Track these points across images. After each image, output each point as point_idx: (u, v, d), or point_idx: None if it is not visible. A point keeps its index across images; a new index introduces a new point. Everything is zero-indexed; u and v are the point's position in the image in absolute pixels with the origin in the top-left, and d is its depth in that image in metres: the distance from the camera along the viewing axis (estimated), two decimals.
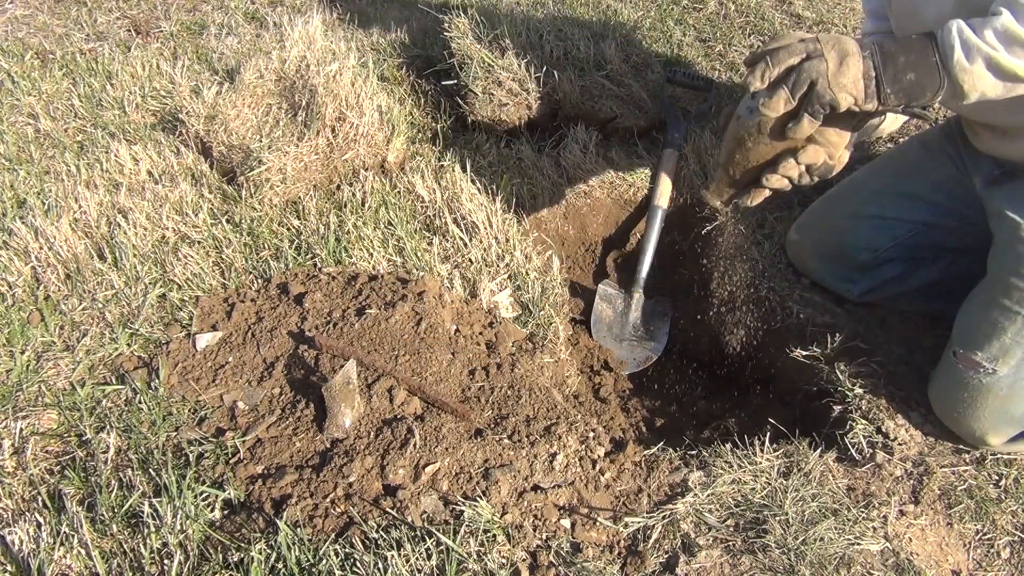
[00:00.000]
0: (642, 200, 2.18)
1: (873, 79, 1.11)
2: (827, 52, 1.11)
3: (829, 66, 1.11)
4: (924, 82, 1.12)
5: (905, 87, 1.12)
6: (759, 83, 1.15)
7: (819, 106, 1.13)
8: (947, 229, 1.69)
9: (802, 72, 1.12)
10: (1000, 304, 1.39)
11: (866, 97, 1.13)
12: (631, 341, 1.99)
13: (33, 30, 2.92)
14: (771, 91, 1.15)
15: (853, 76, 1.11)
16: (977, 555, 1.35)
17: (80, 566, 1.20)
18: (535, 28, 2.51)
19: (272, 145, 1.99)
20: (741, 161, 1.27)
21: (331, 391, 1.37)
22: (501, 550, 1.21)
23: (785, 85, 1.13)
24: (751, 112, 1.20)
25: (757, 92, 1.17)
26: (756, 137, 1.21)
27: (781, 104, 1.15)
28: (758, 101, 1.17)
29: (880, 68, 1.11)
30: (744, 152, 1.25)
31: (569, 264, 2.18)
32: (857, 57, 1.11)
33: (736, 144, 1.25)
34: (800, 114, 1.15)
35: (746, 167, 1.27)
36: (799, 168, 1.23)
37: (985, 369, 1.41)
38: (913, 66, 1.11)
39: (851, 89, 1.11)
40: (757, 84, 1.15)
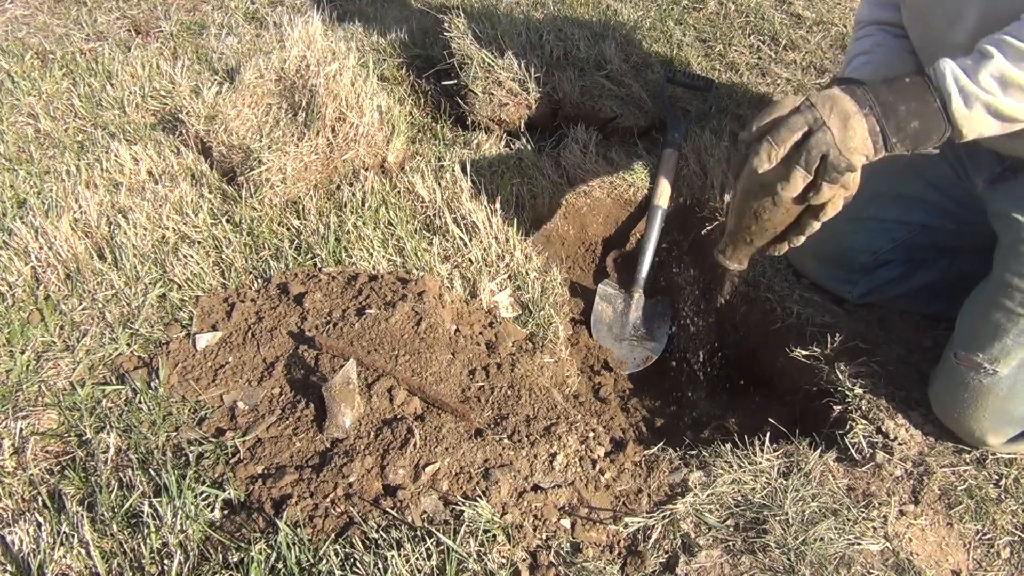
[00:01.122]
0: (642, 200, 2.18)
1: (879, 134, 1.11)
2: (828, 119, 1.10)
3: (835, 134, 1.10)
4: (929, 128, 1.11)
5: (911, 135, 1.12)
6: (767, 164, 1.15)
7: (836, 173, 1.12)
8: (945, 230, 1.69)
9: (811, 149, 1.11)
10: (1002, 306, 1.39)
11: (875, 152, 1.13)
12: (631, 341, 1.99)
13: (33, 30, 2.92)
14: (783, 170, 1.14)
15: (861, 137, 1.10)
16: (977, 555, 1.35)
17: (80, 566, 1.20)
18: (535, 28, 2.51)
19: (272, 145, 1.99)
20: (759, 231, 1.27)
21: (331, 391, 1.37)
22: (501, 550, 1.21)
23: (799, 165, 1.12)
24: (762, 188, 1.20)
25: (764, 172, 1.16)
26: (773, 210, 1.22)
27: (800, 183, 1.15)
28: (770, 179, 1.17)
29: (883, 121, 1.11)
30: (761, 223, 1.25)
31: (569, 264, 2.18)
32: (859, 116, 1.10)
33: (752, 219, 1.25)
34: (819, 184, 1.14)
35: (766, 234, 1.28)
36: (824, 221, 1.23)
37: (986, 370, 1.41)
38: (915, 114, 1.11)
39: (862, 149, 1.11)
40: (765, 166, 1.15)
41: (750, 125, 1.19)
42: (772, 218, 1.23)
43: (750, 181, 1.22)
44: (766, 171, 1.16)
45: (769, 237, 1.29)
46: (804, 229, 1.24)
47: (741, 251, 1.35)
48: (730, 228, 1.34)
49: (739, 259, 1.37)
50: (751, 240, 1.30)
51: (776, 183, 1.17)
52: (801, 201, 1.19)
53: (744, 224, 1.28)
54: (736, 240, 1.33)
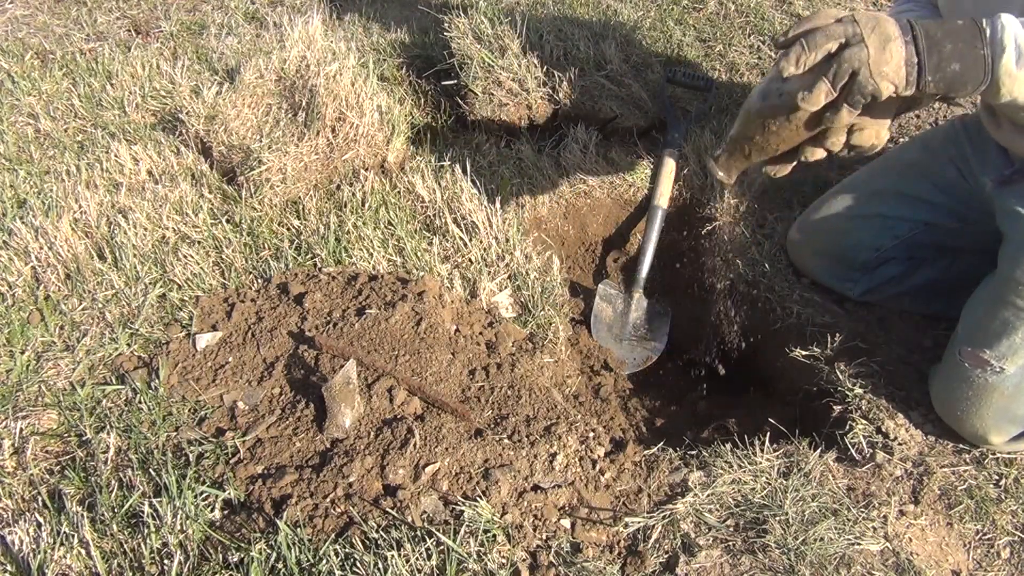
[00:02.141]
0: (642, 200, 2.18)
1: (916, 66, 1.05)
2: (868, 37, 1.04)
3: (871, 52, 1.04)
4: (967, 74, 1.06)
5: (947, 77, 1.06)
6: (794, 68, 1.08)
7: (860, 96, 1.07)
8: (948, 229, 1.69)
9: (843, 62, 1.05)
10: (1012, 303, 1.38)
11: (907, 84, 1.07)
12: (631, 341, 1.99)
13: (33, 30, 2.92)
14: (808, 80, 1.09)
15: (896, 63, 1.05)
16: (977, 555, 1.35)
17: (80, 566, 1.20)
18: (535, 28, 2.51)
19: (272, 145, 1.99)
20: (761, 143, 1.20)
21: (331, 391, 1.37)
22: (501, 550, 1.21)
23: (825, 76, 1.07)
24: (782, 96, 1.13)
25: (790, 77, 1.10)
26: (784, 124, 1.15)
27: (822, 97, 1.08)
28: (792, 87, 1.11)
29: (924, 54, 1.05)
30: (766, 135, 1.18)
31: (569, 264, 2.18)
32: (900, 42, 1.05)
33: (759, 127, 1.18)
34: (840, 104, 1.09)
35: (767, 150, 1.21)
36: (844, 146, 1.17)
37: (992, 367, 1.40)
38: (959, 56, 1.05)
39: (893, 77, 1.05)
40: (791, 70, 1.08)
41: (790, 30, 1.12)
42: (779, 132, 1.16)
43: (771, 86, 1.15)
44: (791, 75, 1.09)
45: (769, 152, 1.21)
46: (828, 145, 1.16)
47: (736, 161, 1.27)
48: (732, 134, 1.26)
49: (729, 170, 1.29)
50: (749, 152, 1.23)
51: (797, 92, 1.10)
52: (814, 122, 1.13)
53: (748, 133, 1.21)
54: (734, 149, 1.25)
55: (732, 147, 1.26)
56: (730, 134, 1.27)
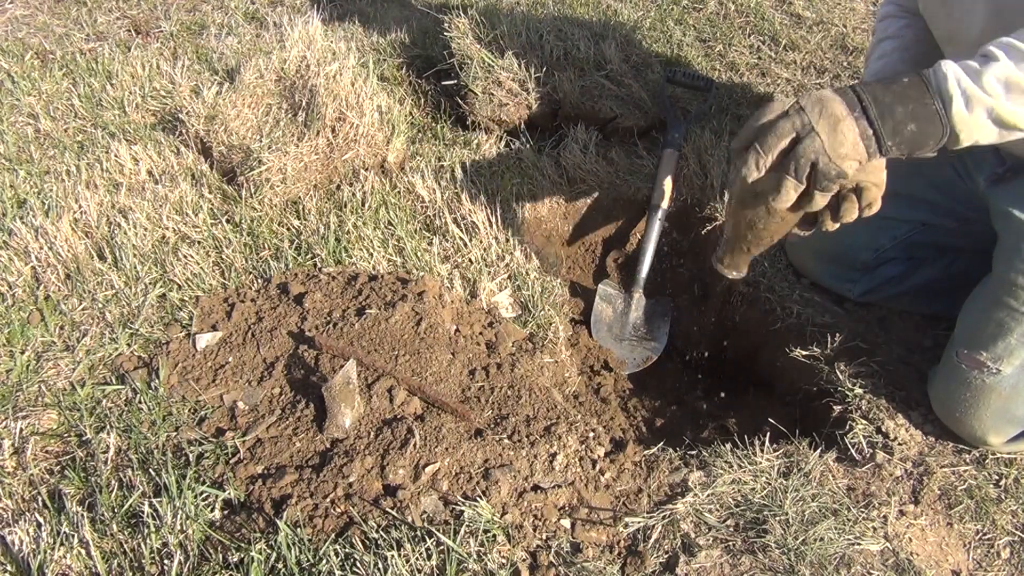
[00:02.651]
0: (642, 200, 2.18)
1: (872, 137, 1.07)
2: (817, 125, 1.07)
3: (824, 140, 1.06)
4: (927, 132, 1.08)
5: (907, 139, 1.08)
6: (756, 173, 1.12)
7: (827, 182, 1.09)
8: (946, 229, 1.69)
9: (800, 158, 1.08)
10: (1006, 305, 1.38)
11: (869, 156, 1.09)
12: (631, 341, 1.99)
13: (33, 30, 2.92)
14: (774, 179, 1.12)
15: (851, 142, 1.07)
16: (977, 555, 1.35)
17: (80, 566, 1.20)
18: (535, 28, 2.51)
19: (272, 145, 1.99)
20: (756, 240, 1.25)
21: (331, 391, 1.37)
22: (501, 550, 1.21)
23: (788, 175, 1.10)
24: (756, 198, 1.18)
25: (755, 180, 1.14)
26: (768, 219, 1.20)
27: (792, 194, 1.12)
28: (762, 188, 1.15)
29: (877, 122, 1.07)
30: (758, 232, 1.23)
31: (569, 264, 2.18)
32: (849, 120, 1.06)
33: (747, 228, 1.23)
34: (812, 193, 1.12)
35: (764, 242, 1.26)
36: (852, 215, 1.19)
37: (989, 369, 1.41)
38: (913, 116, 1.07)
39: (853, 155, 1.07)
40: (755, 175, 1.12)
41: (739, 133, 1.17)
42: (768, 227, 1.21)
43: (742, 190, 1.19)
44: (756, 180, 1.13)
45: (767, 245, 1.27)
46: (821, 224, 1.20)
47: (739, 259, 1.33)
48: (726, 236, 1.32)
49: (737, 267, 1.35)
50: (748, 249, 1.29)
51: (768, 194, 1.14)
52: (796, 209, 1.16)
53: (740, 233, 1.26)
54: (733, 249, 1.31)
55: (731, 247, 1.32)
56: (724, 236, 1.33)
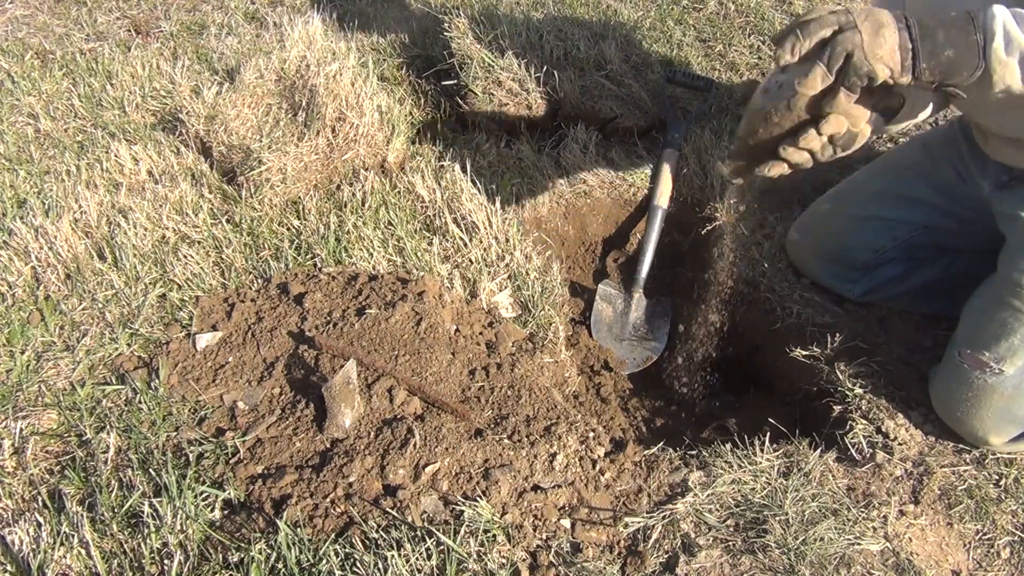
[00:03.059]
0: (642, 200, 2.18)
1: (910, 51, 1.07)
2: (860, 23, 1.07)
3: (864, 37, 1.06)
4: (962, 61, 1.07)
5: (942, 63, 1.07)
6: (789, 56, 1.10)
7: (856, 79, 1.08)
8: (947, 230, 1.69)
9: (836, 45, 1.07)
10: (1009, 305, 1.38)
11: (902, 69, 1.08)
12: (631, 341, 1.99)
13: (33, 30, 2.92)
14: (805, 67, 1.10)
15: (890, 47, 1.06)
16: (977, 555, 1.35)
17: (80, 566, 1.20)
18: (535, 28, 2.51)
19: (272, 145, 1.99)
20: (765, 137, 1.21)
21: (331, 391, 1.37)
22: (501, 550, 1.21)
23: (820, 60, 1.08)
24: (781, 87, 1.15)
25: (787, 66, 1.12)
26: (785, 113, 1.16)
27: (819, 81, 1.10)
28: (790, 76, 1.12)
29: (917, 40, 1.07)
30: (769, 128, 1.19)
31: (569, 264, 2.18)
32: (892, 28, 1.07)
33: (761, 120, 1.19)
34: (836, 88, 1.10)
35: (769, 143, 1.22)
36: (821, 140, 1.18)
37: (992, 369, 1.40)
38: (952, 43, 1.07)
39: (888, 60, 1.07)
40: (787, 57, 1.10)
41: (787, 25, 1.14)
42: (781, 122, 1.17)
43: (769, 80, 1.17)
44: (788, 64, 1.11)
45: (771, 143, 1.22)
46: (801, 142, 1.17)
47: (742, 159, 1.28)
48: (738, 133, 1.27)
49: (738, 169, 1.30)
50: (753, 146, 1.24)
51: (794, 79, 1.11)
52: (815, 110, 1.14)
53: (753, 128, 1.22)
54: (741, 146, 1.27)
55: (739, 145, 1.27)
56: (737, 134, 1.28)
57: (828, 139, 1.17)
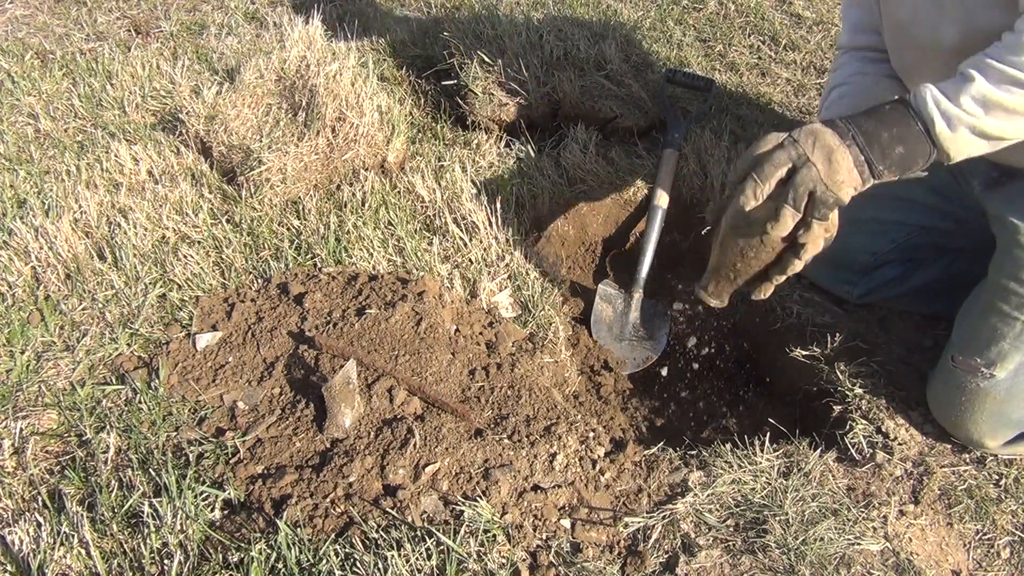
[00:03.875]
0: (642, 200, 2.18)
1: (864, 163, 1.11)
2: (812, 155, 1.10)
3: (820, 169, 1.10)
4: (915, 152, 1.11)
5: (896, 161, 1.11)
6: (754, 202, 1.15)
7: (826, 209, 1.12)
8: (944, 231, 1.69)
9: (798, 187, 1.11)
10: (999, 310, 1.39)
11: (863, 182, 1.12)
12: (631, 341, 1.99)
13: (33, 30, 2.92)
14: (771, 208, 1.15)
15: (846, 169, 1.10)
16: (977, 555, 1.35)
17: (80, 566, 1.20)
18: (535, 28, 2.51)
19: (272, 145, 1.99)
20: (743, 269, 1.27)
21: (331, 391, 1.37)
22: (501, 550, 1.21)
23: (786, 203, 1.13)
24: (750, 226, 1.19)
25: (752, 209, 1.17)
26: (760, 248, 1.21)
27: (789, 221, 1.14)
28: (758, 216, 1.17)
29: (867, 150, 1.10)
30: (747, 261, 1.24)
31: (569, 264, 2.18)
32: (843, 149, 1.10)
33: (737, 256, 1.25)
34: (809, 221, 1.14)
35: (750, 272, 1.27)
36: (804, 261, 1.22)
37: (983, 373, 1.41)
38: (899, 139, 1.10)
39: (849, 182, 1.11)
40: (752, 203, 1.15)
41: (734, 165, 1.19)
42: (758, 256, 1.23)
43: (737, 219, 1.21)
44: (753, 208, 1.16)
45: (752, 274, 1.28)
46: (786, 268, 1.22)
47: (724, 288, 1.34)
48: (713, 265, 1.33)
49: (720, 296, 1.36)
50: (734, 278, 1.30)
51: (765, 222, 1.16)
52: (789, 240, 1.19)
53: (729, 261, 1.27)
54: (719, 277, 1.32)
55: (716, 276, 1.33)
56: (711, 264, 1.34)
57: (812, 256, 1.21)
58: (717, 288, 1.34)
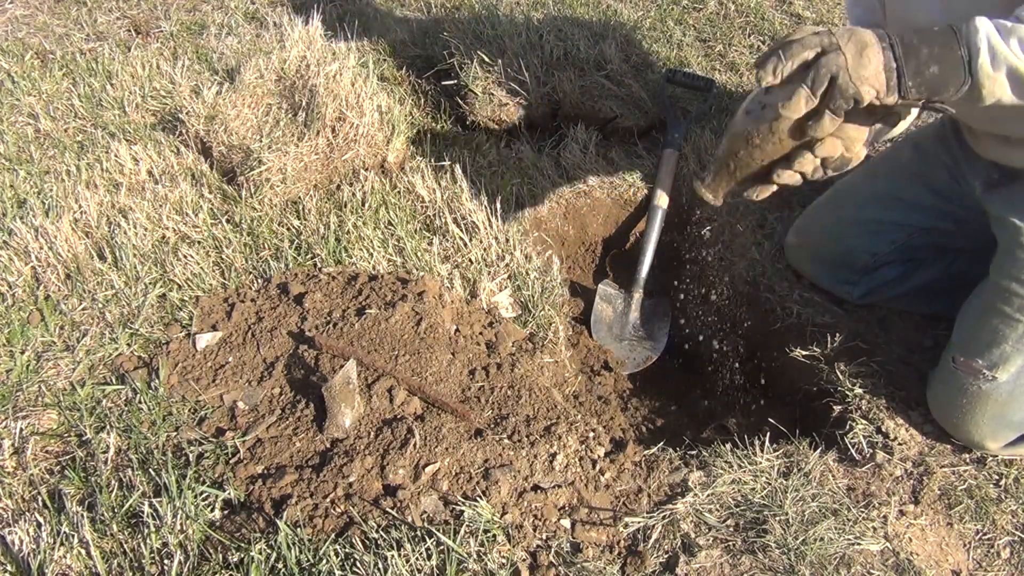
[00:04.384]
0: (642, 200, 2.18)
1: (894, 71, 1.05)
2: (844, 44, 1.05)
3: (848, 59, 1.04)
4: (948, 76, 1.06)
5: (927, 80, 1.06)
6: (771, 78, 1.08)
7: (842, 101, 1.06)
8: (944, 231, 1.69)
9: (820, 68, 1.05)
10: (1000, 311, 1.38)
11: (888, 90, 1.06)
12: (631, 341, 1.99)
13: (33, 30, 2.92)
14: (788, 89, 1.09)
15: (874, 68, 1.05)
16: (977, 555, 1.35)
17: (80, 566, 1.20)
18: (535, 28, 2.51)
19: (272, 145, 1.99)
20: (746, 159, 1.19)
21: (331, 391, 1.37)
22: (501, 550, 1.21)
23: (804, 83, 1.07)
24: (763, 109, 1.13)
25: (770, 89, 1.11)
26: (767, 136, 1.14)
27: (802, 103, 1.08)
28: (773, 99, 1.11)
29: (901, 60, 1.05)
30: (750, 150, 1.17)
31: (569, 264, 2.18)
32: (876, 48, 1.05)
33: (743, 142, 1.17)
34: (821, 111, 1.08)
35: (752, 165, 1.19)
36: (815, 162, 1.16)
37: (985, 376, 1.40)
38: (937, 59, 1.05)
39: (873, 81, 1.05)
40: (769, 79, 1.08)
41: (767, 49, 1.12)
42: (763, 145, 1.15)
43: (752, 100, 1.15)
44: (770, 85, 1.09)
45: (754, 168, 1.20)
46: (793, 162, 1.15)
47: (722, 180, 1.25)
48: (718, 153, 1.24)
49: (716, 191, 1.27)
50: (735, 169, 1.21)
51: (777, 103, 1.10)
52: (798, 134, 1.12)
53: (733, 149, 1.19)
54: (720, 167, 1.23)
55: (718, 166, 1.25)
56: (716, 153, 1.26)
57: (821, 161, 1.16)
58: (716, 181, 1.25)
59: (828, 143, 1.13)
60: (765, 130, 1.14)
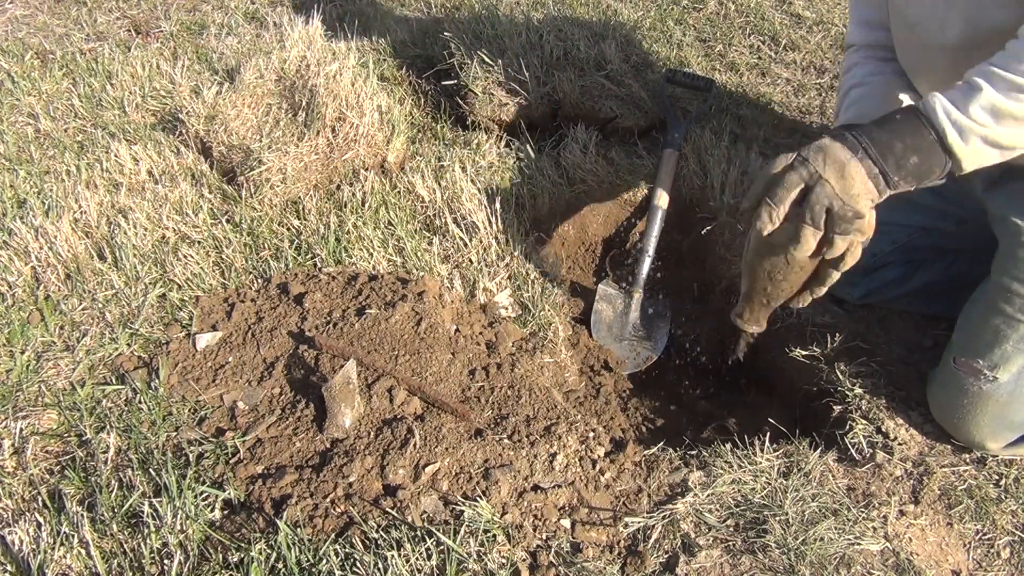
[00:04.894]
0: (642, 200, 2.18)
1: (879, 175, 1.10)
2: (824, 171, 1.09)
3: (834, 185, 1.09)
4: (930, 162, 1.10)
5: (912, 171, 1.10)
6: (771, 226, 1.14)
7: (845, 224, 1.11)
8: (944, 232, 1.69)
9: (814, 205, 1.10)
10: (1002, 311, 1.38)
11: (879, 193, 1.11)
12: (631, 341, 1.99)
13: (33, 30, 2.92)
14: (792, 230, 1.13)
15: (861, 181, 1.09)
16: (977, 555, 1.35)
17: (80, 566, 1.20)
18: (535, 28, 2.51)
19: (272, 145, 1.99)
20: (775, 291, 1.26)
21: (331, 391, 1.37)
22: (501, 550, 1.21)
23: (806, 223, 1.11)
24: (774, 251, 1.18)
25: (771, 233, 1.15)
26: (787, 269, 1.20)
27: (812, 241, 1.13)
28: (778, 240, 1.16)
29: (880, 162, 1.09)
30: (776, 284, 1.23)
31: (569, 264, 2.18)
32: (854, 162, 1.09)
33: (765, 279, 1.24)
34: (832, 238, 1.12)
35: (784, 293, 1.26)
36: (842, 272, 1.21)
37: (986, 376, 1.40)
38: (913, 150, 1.09)
39: (865, 194, 1.09)
40: (769, 228, 1.14)
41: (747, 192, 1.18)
42: (787, 277, 1.21)
43: (759, 243, 1.20)
44: (772, 232, 1.15)
45: (787, 295, 1.27)
46: (825, 280, 1.21)
47: (759, 312, 1.33)
48: (745, 291, 1.31)
49: (757, 320, 1.35)
50: (768, 301, 1.29)
51: (787, 244, 1.15)
52: (816, 256, 1.17)
53: (759, 286, 1.26)
54: (752, 302, 1.31)
55: (751, 301, 1.32)
56: (743, 291, 1.32)
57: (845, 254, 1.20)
58: (753, 314, 1.34)
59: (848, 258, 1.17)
60: (783, 266, 1.20)
